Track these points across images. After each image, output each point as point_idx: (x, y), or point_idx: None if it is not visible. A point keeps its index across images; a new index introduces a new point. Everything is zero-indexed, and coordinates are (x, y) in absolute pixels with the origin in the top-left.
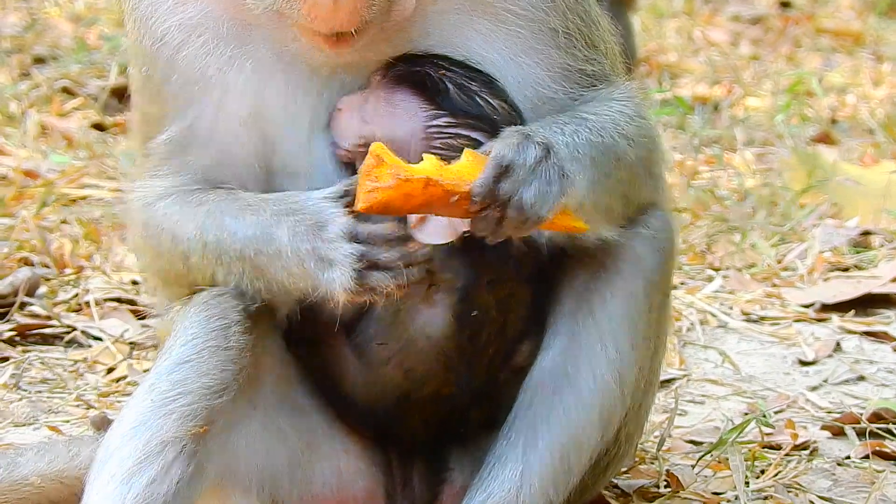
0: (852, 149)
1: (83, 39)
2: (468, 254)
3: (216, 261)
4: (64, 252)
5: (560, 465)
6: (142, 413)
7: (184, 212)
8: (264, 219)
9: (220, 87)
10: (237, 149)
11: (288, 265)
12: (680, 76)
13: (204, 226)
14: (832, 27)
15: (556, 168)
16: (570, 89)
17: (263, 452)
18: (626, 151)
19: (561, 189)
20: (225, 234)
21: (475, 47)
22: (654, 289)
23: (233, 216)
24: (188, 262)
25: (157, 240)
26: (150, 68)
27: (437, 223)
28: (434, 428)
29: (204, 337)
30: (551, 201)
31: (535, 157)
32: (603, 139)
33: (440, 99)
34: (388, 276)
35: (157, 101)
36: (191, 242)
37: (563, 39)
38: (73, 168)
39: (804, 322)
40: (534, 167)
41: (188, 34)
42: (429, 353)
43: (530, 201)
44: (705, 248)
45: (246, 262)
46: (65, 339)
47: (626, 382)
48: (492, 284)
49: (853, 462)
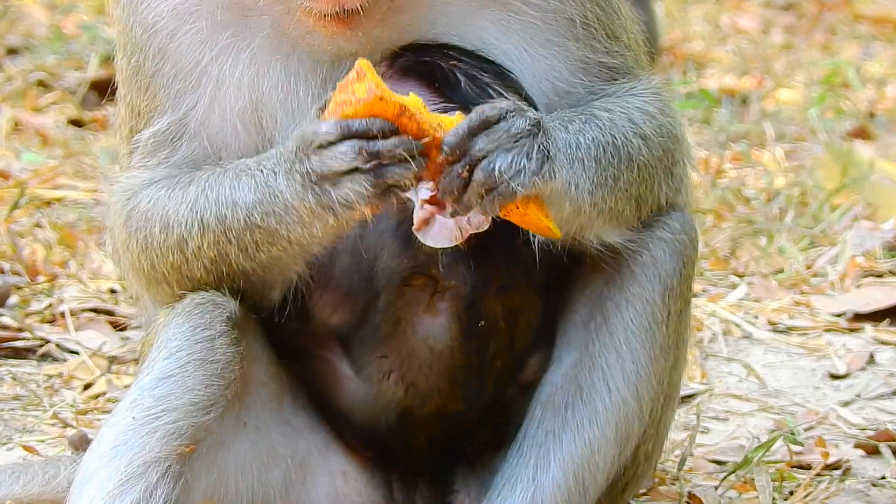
0: (891, 144)
1: (60, 28)
2: (475, 258)
3: (222, 239)
4: (37, 258)
5: (574, 487)
6: (123, 432)
7: (173, 196)
8: (262, 178)
9: (214, 77)
10: (232, 141)
11: (300, 214)
12: (706, 66)
13: (199, 205)
14: (871, 13)
15: (542, 148)
16: (589, 83)
17: (255, 473)
18: (641, 151)
19: (540, 169)
20: (225, 209)
21: (487, 36)
22: (673, 295)
23: (228, 187)
24: (185, 249)
25: (145, 232)
26: (139, 58)
27: (442, 225)
28: (438, 447)
29: (188, 349)
30: (525, 177)
31: (521, 127)
32: (614, 138)
33: (450, 91)
34: (400, 168)
35: (147, 93)
36: (187, 227)
37: (581, 30)
38: (47, 167)
39: (835, 332)
40: (517, 136)
41: (181, 21)
42: (432, 366)
43: (502, 168)
44: (729, 252)
45: (255, 231)
46: (38, 353)
47: (643, 397)
48: (500, 292)
49: (889, 482)
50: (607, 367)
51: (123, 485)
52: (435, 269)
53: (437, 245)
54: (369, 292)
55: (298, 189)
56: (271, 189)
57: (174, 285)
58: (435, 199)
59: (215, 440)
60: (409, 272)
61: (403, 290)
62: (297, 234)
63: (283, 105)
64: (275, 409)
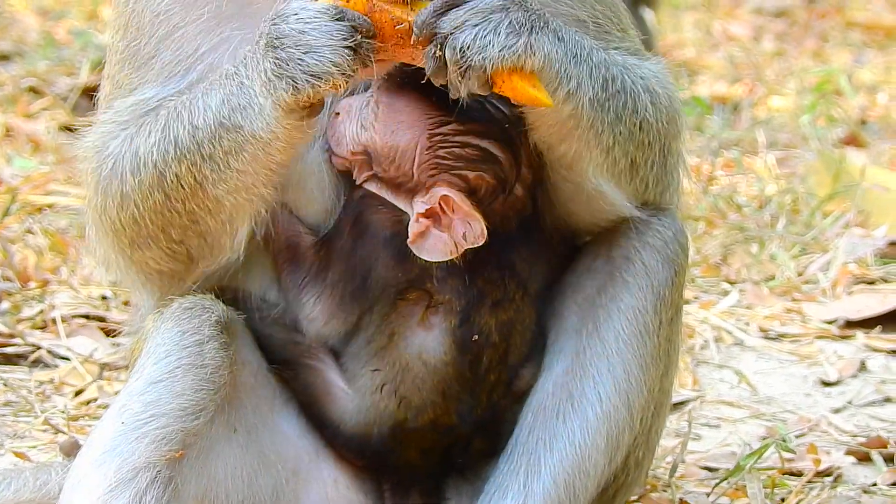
0: (883, 152)
1: (51, 34)
2: (470, 272)
3: (196, 158)
4: (28, 264)
5: (565, 494)
6: (112, 437)
7: (143, 129)
8: (230, 76)
9: (208, 65)
10: None
11: (255, 93)
12: (698, 73)
13: (171, 126)
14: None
15: (514, 23)
16: None
17: (245, 479)
18: (646, 107)
19: (509, 44)
20: (196, 117)
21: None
22: (665, 304)
23: (202, 96)
24: (164, 183)
25: (119, 179)
26: (141, 42)
27: (437, 238)
28: (431, 459)
29: (177, 354)
30: (491, 52)
31: (491, 3)
32: (623, 79)
33: (448, 106)
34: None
35: (139, 72)
36: (161, 153)
37: (592, 29)
38: (38, 173)
39: (827, 339)
40: (486, 12)
41: (188, 10)
42: (425, 380)
43: (465, 43)
44: (721, 259)
45: (223, 136)
46: (29, 359)
47: (634, 405)
48: (495, 306)
49: (880, 489)
50: (598, 376)
51: (113, 490)
52: (430, 283)
53: (432, 258)
54: (363, 304)
55: (260, 61)
56: (236, 81)
57: (160, 243)
58: (430, 212)
59: (205, 445)
60: (403, 285)
61: (398, 303)
62: (259, 129)
63: None
64: (265, 414)
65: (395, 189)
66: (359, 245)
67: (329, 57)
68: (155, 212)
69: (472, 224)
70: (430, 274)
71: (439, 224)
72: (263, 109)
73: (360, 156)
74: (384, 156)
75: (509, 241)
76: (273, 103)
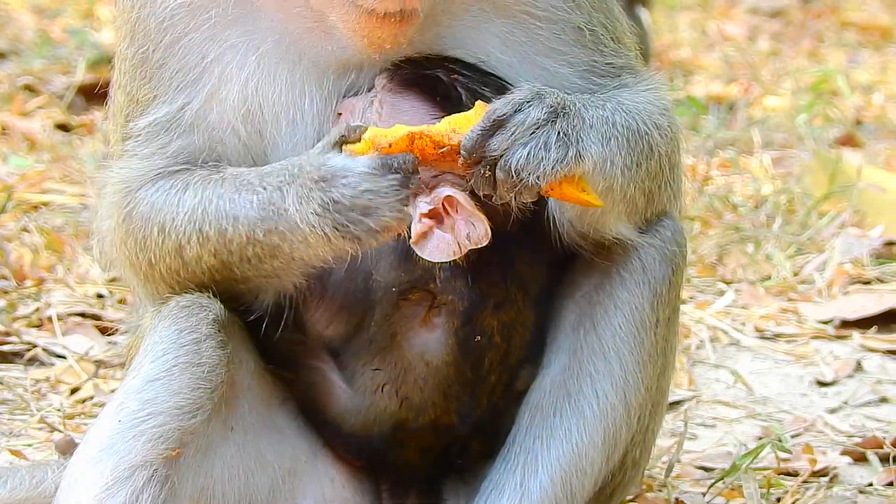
0: (878, 152)
1: (47, 33)
2: (473, 273)
3: (222, 250)
4: (24, 263)
5: (562, 493)
6: (109, 435)
7: (169, 201)
8: (265, 196)
9: (217, 74)
10: (229, 139)
11: (305, 235)
12: (693, 73)
13: (197, 216)
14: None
15: (563, 133)
16: (599, 80)
17: (242, 478)
18: (659, 143)
19: (560, 157)
20: (225, 223)
21: (492, 50)
22: (662, 302)
23: (229, 200)
24: (184, 255)
25: (144, 233)
26: (149, 48)
27: (441, 239)
28: (430, 459)
29: (174, 353)
30: (545, 168)
31: (536, 117)
32: (637, 126)
33: (450, 106)
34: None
35: (150, 83)
36: (185, 235)
37: (588, 38)
38: (34, 172)
39: (823, 339)
40: (532, 128)
41: (194, 16)
42: (427, 380)
43: (519, 164)
44: (717, 259)
45: (256, 245)
46: (25, 357)
47: (631, 403)
48: (497, 307)
49: (876, 490)
50: (595, 373)
51: (110, 488)
52: (432, 284)
53: (435, 259)
54: (365, 305)
55: (312, 215)
56: (276, 207)
57: (173, 285)
58: (433, 212)
59: (202, 444)
60: (406, 286)
61: (400, 303)
62: (300, 252)
63: (284, 113)
64: (262, 413)
65: None
66: None
67: (388, 215)
68: (171, 269)
69: (476, 224)
70: (432, 275)
71: (442, 224)
72: (316, 248)
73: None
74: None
75: (511, 242)
76: (331, 250)
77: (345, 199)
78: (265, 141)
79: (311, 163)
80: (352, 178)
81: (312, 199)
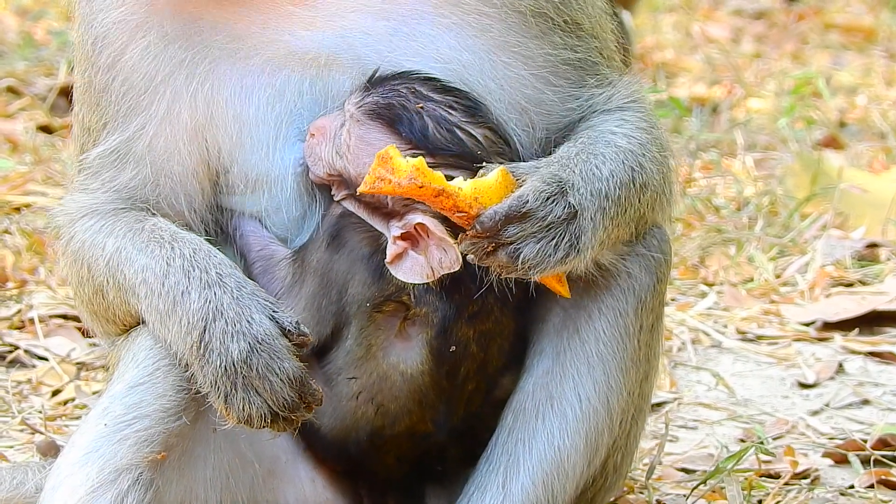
0: (861, 154)
1: (30, 35)
2: (447, 287)
3: (132, 300)
4: (6, 265)
5: (543, 495)
6: (94, 439)
7: (96, 242)
8: (173, 281)
9: (167, 95)
10: (176, 167)
11: (193, 338)
12: (676, 75)
13: (113, 264)
14: (842, 22)
15: (572, 236)
16: (558, 86)
17: (223, 479)
18: (653, 176)
19: (564, 258)
20: (135, 279)
21: (446, 49)
22: (646, 309)
23: (145, 258)
24: (106, 296)
25: (77, 267)
26: (90, 73)
27: (415, 261)
28: (409, 465)
29: (157, 356)
30: (547, 266)
31: (556, 216)
32: (632, 170)
33: (417, 137)
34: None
35: (97, 110)
36: (105, 279)
37: (534, 23)
38: (17, 174)
39: (804, 341)
40: (549, 227)
41: (131, 35)
42: (402, 389)
43: (527, 257)
44: (699, 261)
45: (161, 302)
46: (7, 359)
47: (613, 407)
48: (473, 318)
49: (857, 492)
50: (578, 377)
51: (94, 491)
52: (406, 297)
53: (409, 280)
54: (339, 316)
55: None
56: (181, 298)
57: (111, 323)
58: (407, 235)
59: (186, 447)
60: (379, 300)
61: (374, 315)
62: (183, 343)
63: (240, 120)
64: None
65: (371, 211)
66: (336, 260)
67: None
68: (101, 307)
69: (447, 250)
70: (406, 290)
71: (417, 247)
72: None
73: (337, 177)
74: (359, 184)
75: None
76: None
77: (248, 376)
78: (222, 155)
79: (256, 322)
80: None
81: (229, 336)
